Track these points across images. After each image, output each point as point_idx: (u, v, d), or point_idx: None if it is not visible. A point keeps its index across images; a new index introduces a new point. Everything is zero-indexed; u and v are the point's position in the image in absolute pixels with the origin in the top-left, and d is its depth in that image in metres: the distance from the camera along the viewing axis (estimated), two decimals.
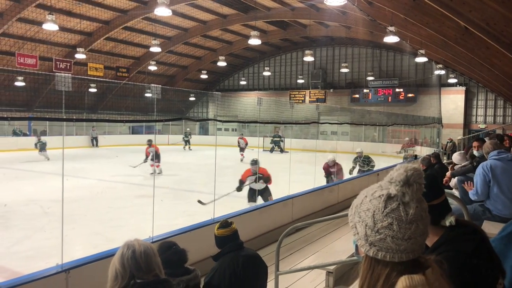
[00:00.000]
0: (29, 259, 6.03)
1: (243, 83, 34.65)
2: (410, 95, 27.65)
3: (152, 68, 28.07)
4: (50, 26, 15.51)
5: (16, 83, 24.14)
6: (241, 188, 8.32)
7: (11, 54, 20.82)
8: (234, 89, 35.52)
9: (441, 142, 23.70)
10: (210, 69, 32.76)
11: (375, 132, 27.20)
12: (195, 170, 16.37)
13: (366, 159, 12.24)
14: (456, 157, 6.61)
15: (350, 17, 19.36)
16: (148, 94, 27.74)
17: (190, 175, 15.10)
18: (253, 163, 8.36)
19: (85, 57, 22.42)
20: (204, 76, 32.84)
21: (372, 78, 28.69)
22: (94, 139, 27.28)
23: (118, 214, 8.99)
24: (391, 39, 14.13)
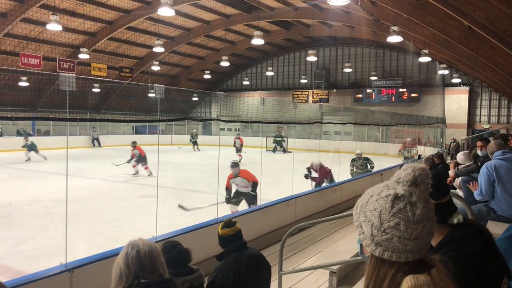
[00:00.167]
0: (33, 258, 6.04)
1: (246, 83, 34.66)
2: (414, 95, 27.58)
3: (155, 68, 28.11)
4: (53, 27, 15.56)
5: (20, 83, 24.23)
6: (230, 199, 7.81)
7: (15, 54, 20.91)
8: (237, 89, 35.54)
9: (444, 142, 23.64)
10: (213, 69, 32.78)
11: (378, 132, 27.14)
12: (198, 170, 16.39)
13: (365, 161, 11.92)
14: (460, 156, 6.59)
15: (354, 17, 19.34)
16: (151, 94, 27.79)
17: (193, 175, 15.11)
18: (234, 165, 7.85)
19: (88, 57, 22.50)
20: (207, 76, 32.85)
21: (376, 78, 28.63)
22: (95, 140, 26.90)
23: (121, 214, 9.01)
24: (394, 39, 14.09)
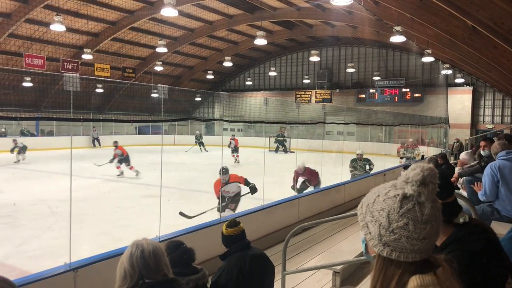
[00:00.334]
0: (37, 258, 6.07)
1: (249, 83, 34.68)
2: (417, 95, 27.52)
3: (158, 68, 28.15)
4: (57, 27, 15.63)
5: (24, 84, 24.32)
6: (224, 208, 7.28)
7: (19, 55, 20.98)
8: (240, 89, 35.55)
9: (448, 143, 23.57)
10: (216, 69, 32.81)
11: (381, 133, 27.08)
12: (201, 170, 16.39)
13: (365, 162, 11.62)
14: (463, 156, 6.57)
15: (356, 17, 19.30)
16: (154, 94, 27.82)
17: (196, 175, 15.12)
18: (223, 172, 7.19)
19: (91, 57, 22.55)
20: (210, 76, 32.88)
21: (379, 78, 28.58)
22: (96, 140, 26.47)
23: (125, 214, 9.04)
24: (397, 38, 14.06)
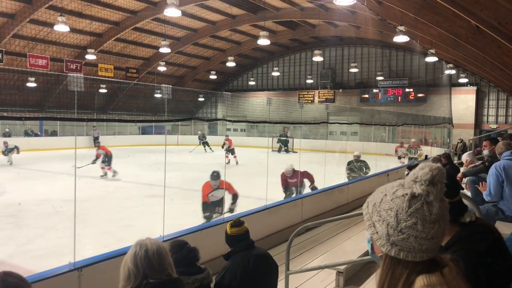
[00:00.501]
0: (41, 257, 6.09)
1: (251, 83, 34.69)
2: (420, 95, 27.46)
3: (162, 68, 28.18)
4: (61, 27, 15.69)
5: (28, 84, 24.42)
6: (210, 216, 6.77)
7: (23, 55, 21.07)
8: (243, 89, 35.57)
9: (451, 143, 23.50)
10: (219, 69, 32.84)
11: (384, 133, 27.01)
12: (204, 170, 16.31)
13: (362, 164, 11.15)
14: (465, 157, 6.53)
15: (360, 17, 19.29)
16: (157, 94, 27.86)
17: (199, 175, 15.08)
18: (215, 177, 6.80)
19: (95, 58, 22.63)
20: (213, 76, 32.92)
21: (382, 78, 28.54)
22: (96, 139, 25.24)
23: (128, 213, 9.05)
24: (401, 38, 14.04)
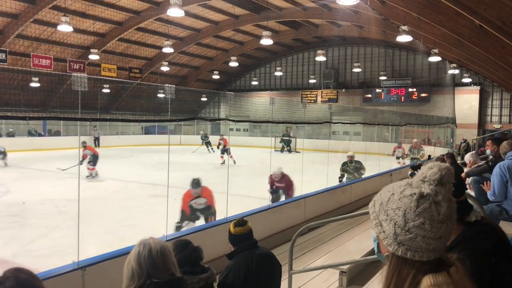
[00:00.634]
0: (45, 257, 6.11)
1: (254, 83, 34.71)
2: (424, 95, 27.40)
3: (165, 68, 28.23)
4: (64, 28, 15.75)
5: (31, 84, 24.51)
6: (181, 226, 6.20)
7: (27, 55, 21.14)
8: (246, 89, 35.59)
9: (455, 143, 23.43)
10: (222, 69, 32.87)
11: (387, 133, 26.95)
12: (207, 170, 16.41)
13: (357, 164, 10.77)
14: (468, 157, 6.50)
15: (363, 17, 19.26)
16: (160, 94, 27.88)
17: (202, 175, 15.07)
18: (195, 184, 6.34)
19: (98, 58, 22.68)
20: (216, 76, 32.95)
21: (385, 77, 28.49)
22: (97, 140, 25.40)
23: (131, 213, 9.07)
24: (404, 38, 14.00)
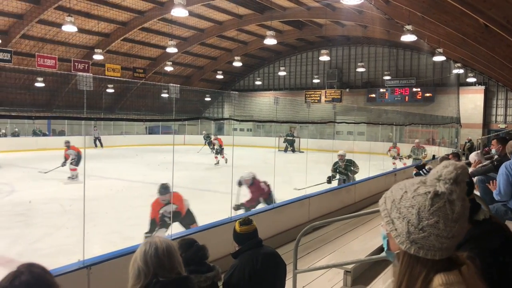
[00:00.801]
0: (50, 256, 6.13)
1: (258, 83, 34.70)
2: (428, 94, 27.31)
3: (168, 68, 28.28)
4: (69, 28, 15.80)
5: (36, 84, 24.61)
6: (153, 230, 5.73)
7: (32, 55, 21.24)
8: (250, 89, 35.59)
9: (459, 142, 23.33)
10: (225, 69, 32.89)
11: (391, 132, 26.86)
12: (211, 169, 16.45)
13: (350, 164, 10.16)
14: (473, 157, 6.47)
15: (367, 16, 19.23)
16: (164, 94, 27.91)
17: (206, 174, 15.16)
18: (163, 190, 5.77)
19: (102, 58, 22.76)
20: (219, 76, 32.97)
21: (389, 77, 28.42)
22: (97, 140, 25.00)
23: (136, 212, 9.07)
24: (408, 38, 13.98)
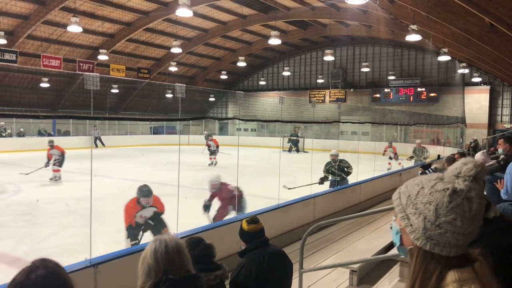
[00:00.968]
0: (56, 255, 6.09)
1: (262, 83, 34.70)
2: (433, 94, 27.22)
3: (173, 69, 28.32)
4: (74, 28, 15.86)
5: (41, 84, 24.72)
6: (137, 238, 5.39)
7: (37, 56, 21.35)
8: (254, 89, 35.60)
9: (464, 142, 23.24)
10: (229, 69, 32.91)
11: (395, 132, 26.78)
12: (215, 169, 16.43)
13: (343, 165, 9.64)
14: (478, 157, 6.45)
15: (371, 16, 19.18)
16: (169, 94, 27.96)
17: (211, 174, 15.13)
18: (145, 192, 5.46)
19: (107, 58, 22.84)
20: (223, 76, 32.99)
21: (394, 77, 28.34)
22: (97, 139, 24.24)
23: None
24: (413, 37, 13.93)
